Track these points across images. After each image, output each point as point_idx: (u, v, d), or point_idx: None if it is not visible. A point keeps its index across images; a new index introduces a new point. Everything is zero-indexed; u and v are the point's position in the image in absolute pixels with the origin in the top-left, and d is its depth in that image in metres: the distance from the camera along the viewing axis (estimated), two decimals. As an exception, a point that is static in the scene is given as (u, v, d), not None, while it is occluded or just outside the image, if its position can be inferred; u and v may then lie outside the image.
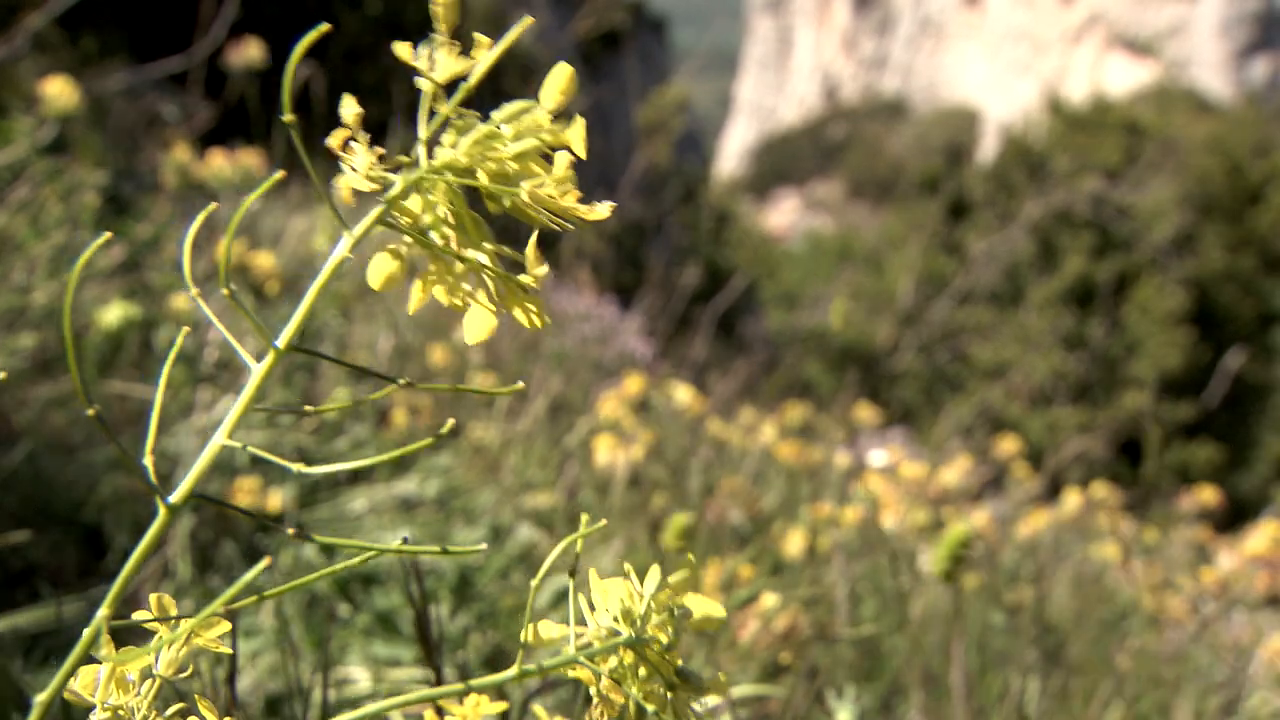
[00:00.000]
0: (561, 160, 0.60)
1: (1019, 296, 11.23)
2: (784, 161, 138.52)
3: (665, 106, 9.30)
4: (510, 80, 16.97)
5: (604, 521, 0.75)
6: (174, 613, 0.71)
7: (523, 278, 0.60)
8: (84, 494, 1.97)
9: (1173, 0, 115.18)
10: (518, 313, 0.61)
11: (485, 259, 0.59)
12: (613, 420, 2.72)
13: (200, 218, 0.68)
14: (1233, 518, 11.88)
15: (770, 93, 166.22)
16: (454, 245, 0.59)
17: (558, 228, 0.60)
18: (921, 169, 11.98)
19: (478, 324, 0.59)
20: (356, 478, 2.35)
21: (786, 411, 3.81)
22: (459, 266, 0.59)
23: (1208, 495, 3.81)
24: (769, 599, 1.87)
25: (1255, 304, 11.45)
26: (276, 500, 2.04)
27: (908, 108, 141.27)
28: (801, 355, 9.74)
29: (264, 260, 2.13)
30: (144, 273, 2.50)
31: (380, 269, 0.59)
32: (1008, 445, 3.66)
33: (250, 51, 3.06)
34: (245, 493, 1.99)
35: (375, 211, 0.59)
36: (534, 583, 0.73)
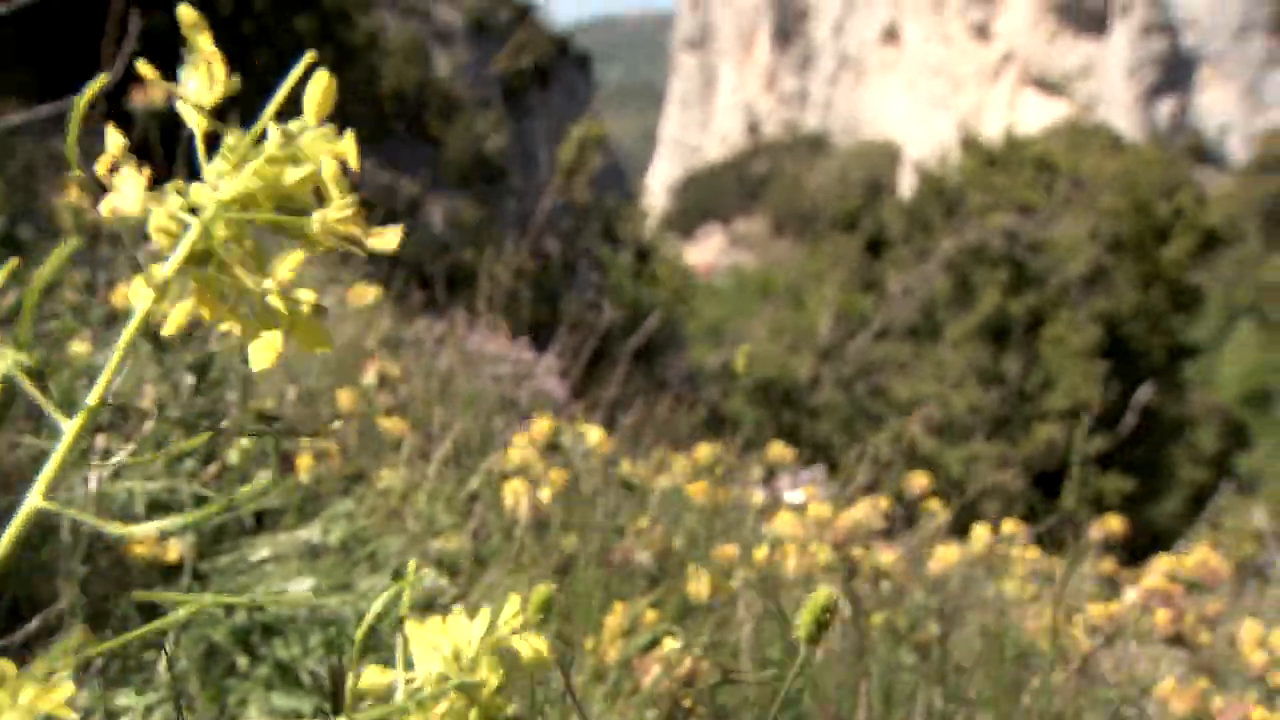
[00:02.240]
0: (341, 185, 0.59)
1: (936, 332, 11.41)
2: (708, 197, 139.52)
3: (584, 143, 9.33)
4: (431, 116, 16.86)
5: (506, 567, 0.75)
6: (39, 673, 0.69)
7: (304, 304, 0.59)
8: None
9: (1084, 40, 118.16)
10: (299, 338, 0.59)
11: (268, 286, 0.58)
12: (522, 462, 2.71)
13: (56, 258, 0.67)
14: (1149, 548, 12.11)
15: (694, 129, 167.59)
16: (237, 273, 0.58)
17: (345, 250, 0.59)
18: (839, 206, 12.15)
19: (263, 351, 0.59)
20: (260, 525, 2.32)
21: (700, 449, 3.82)
22: (242, 294, 0.58)
23: (1115, 525, 3.88)
24: (671, 643, 1.88)
25: (1165, 339, 11.73)
26: (175, 550, 2.01)
27: (829, 143, 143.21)
28: (724, 391, 9.80)
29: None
30: (39, 319, 2.46)
31: (156, 289, 0.58)
32: (919, 480, 3.70)
33: (153, 92, 3.03)
34: (142, 543, 1.96)
35: (179, 255, 0.58)
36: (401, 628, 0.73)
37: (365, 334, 3.27)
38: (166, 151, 3.36)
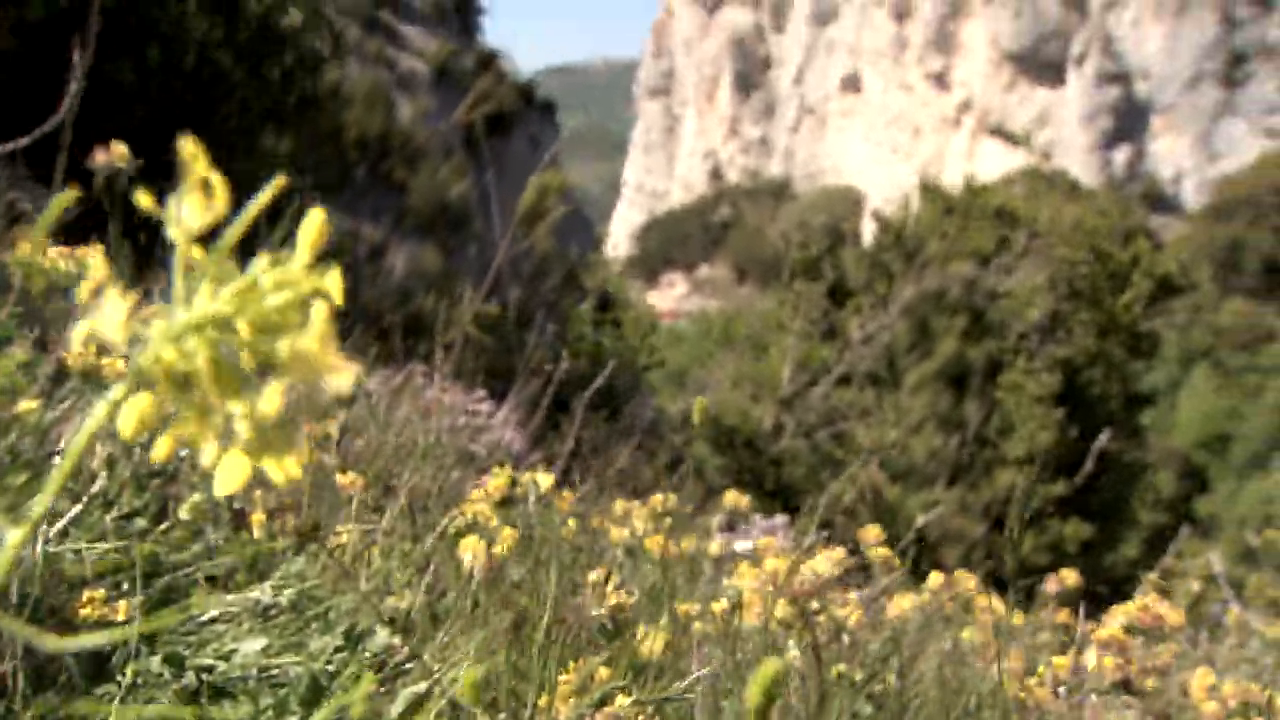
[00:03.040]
0: (319, 312, 0.59)
1: (897, 379, 11.49)
2: (671, 243, 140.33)
3: (545, 190, 9.36)
4: (395, 163, 16.88)
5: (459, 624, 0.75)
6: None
7: (276, 429, 0.59)
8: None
9: (1041, 88, 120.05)
10: (268, 464, 0.60)
11: (240, 411, 0.59)
12: (477, 516, 2.71)
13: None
14: (1110, 596, 12.18)
15: (658, 176, 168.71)
16: (209, 396, 0.58)
17: (316, 382, 0.60)
18: (800, 255, 12.26)
19: (230, 475, 0.59)
20: (211, 583, 2.31)
21: (659, 500, 3.82)
22: (215, 417, 0.59)
23: (1070, 578, 3.91)
24: (622, 700, 1.87)
25: (1122, 385, 11.86)
26: (123, 610, 1.99)
27: (792, 190, 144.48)
28: (687, 439, 9.81)
29: (116, 364, 2.10)
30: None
31: (130, 417, 0.58)
32: (872, 533, 3.71)
33: (116, 151, 3.03)
34: (89, 603, 1.94)
35: (131, 376, 0.59)
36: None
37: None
38: (126, 210, 3.35)
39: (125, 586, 2.10)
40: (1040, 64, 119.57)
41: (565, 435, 4.49)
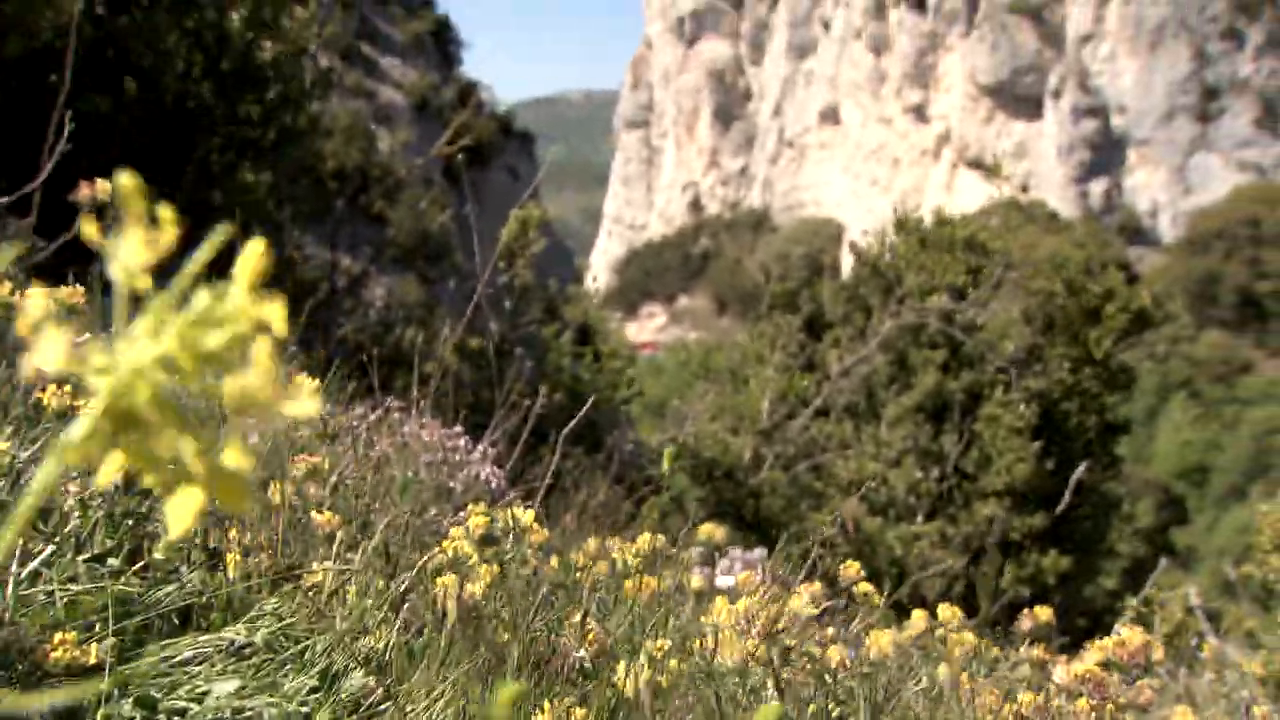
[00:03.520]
0: (262, 350, 0.59)
1: (876, 411, 11.51)
2: (651, 275, 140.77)
3: (527, 223, 9.38)
4: (374, 195, 16.89)
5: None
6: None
7: (227, 464, 0.59)
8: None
9: (1020, 120, 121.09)
10: (221, 499, 0.59)
11: (187, 448, 0.58)
12: (454, 554, 2.70)
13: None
14: (1090, 627, 12.20)
15: (638, 207, 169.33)
16: (155, 432, 0.58)
17: (261, 418, 0.59)
18: (778, 287, 12.30)
19: (182, 511, 0.58)
20: (185, 625, 2.29)
21: (639, 536, 3.81)
22: (163, 454, 0.58)
23: (1044, 615, 3.91)
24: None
25: (1099, 417, 11.92)
26: (94, 653, 1.97)
27: (771, 222, 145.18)
28: (668, 471, 9.78)
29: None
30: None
31: (75, 450, 0.58)
32: (851, 569, 3.71)
33: (98, 186, 3.03)
34: (61, 645, 1.92)
35: (87, 421, 0.58)
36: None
37: (297, 424, 3.25)
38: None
39: (98, 628, 2.08)
40: (1017, 97, 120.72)
41: (544, 469, 4.49)
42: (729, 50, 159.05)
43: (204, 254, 0.62)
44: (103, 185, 3.09)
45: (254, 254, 0.61)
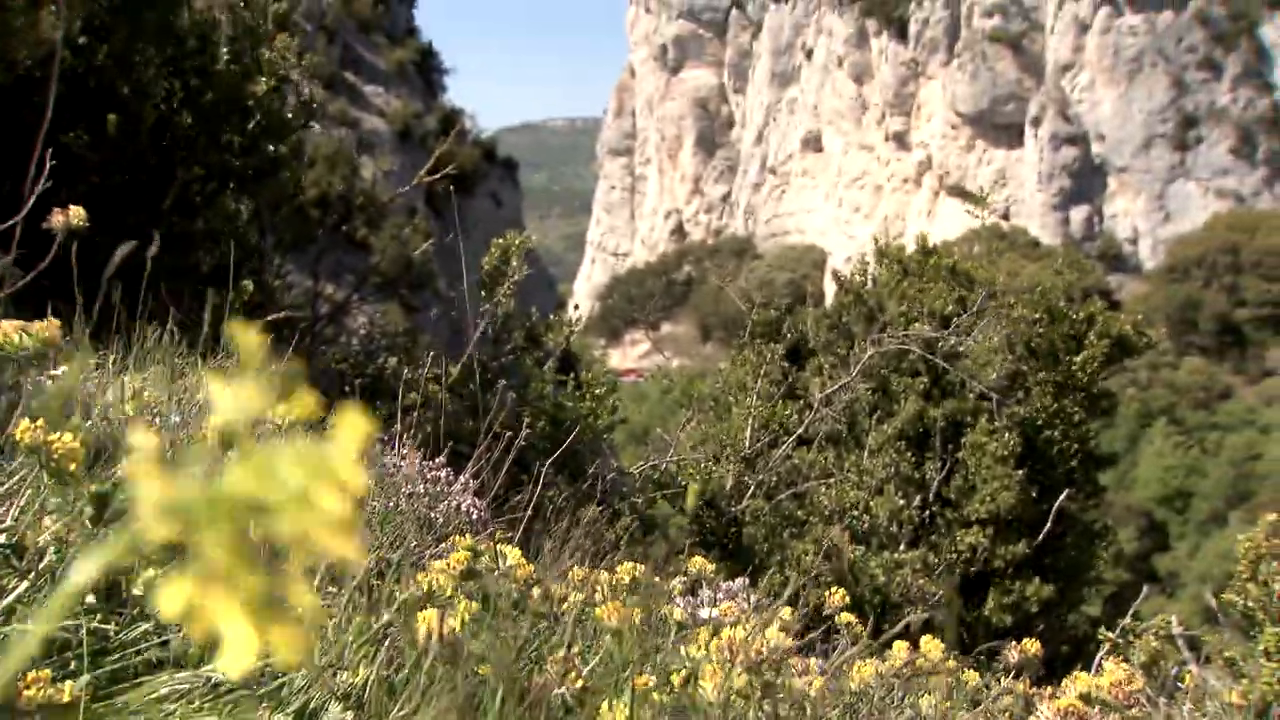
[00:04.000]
0: (344, 501, 0.58)
1: (859, 439, 11.52)
2: (635, 302, 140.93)
3: (510, 252, 9.39)
4: (358, 224, 16.90)
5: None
6: None
7: (289, 607, 0.58)
8: None
9: (1001, 148, 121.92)
10: (275, 642, 0.58)
11: (254, 586, 0.57)
12: (435, 588, 2.69)
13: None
14: (1072, 654, 12.20)
15: (621, 234, 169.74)
16: (222, 569, 0.57)
17: (322, 557, 0.59)
18: (760, 315, 12.33)
19: (240, 650, 0.57)
20: (161, 661, 2.27)
21: (621, 567, 3.80)
22: (226, 589, 0.57)
23: (1030, 647, 3.92)
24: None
25: (1081, 444, 11.94)
26: (69, 691, 1.95)
27: (755, 249, 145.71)
28: (651, 499, 9.78)
29: (65, 438, 2.08)
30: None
31: (173, 599, 0.57)
32: (835, 598, 3.71)
33: (74, 214, 3.02)
34: (35, 684, 1.90)
35: (125, 539, 0.58)
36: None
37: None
38: (83, 271, 3.33)
39: (73, 665, 2.07)
40: (998, 125, 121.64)
41: (527, 500, 4.47)
42: (712, 78, 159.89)
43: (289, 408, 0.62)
44: (76, 212, 3.08)
45: (360, 430, 0.60)
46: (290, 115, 7.82)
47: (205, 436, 0.60)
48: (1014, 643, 4.00)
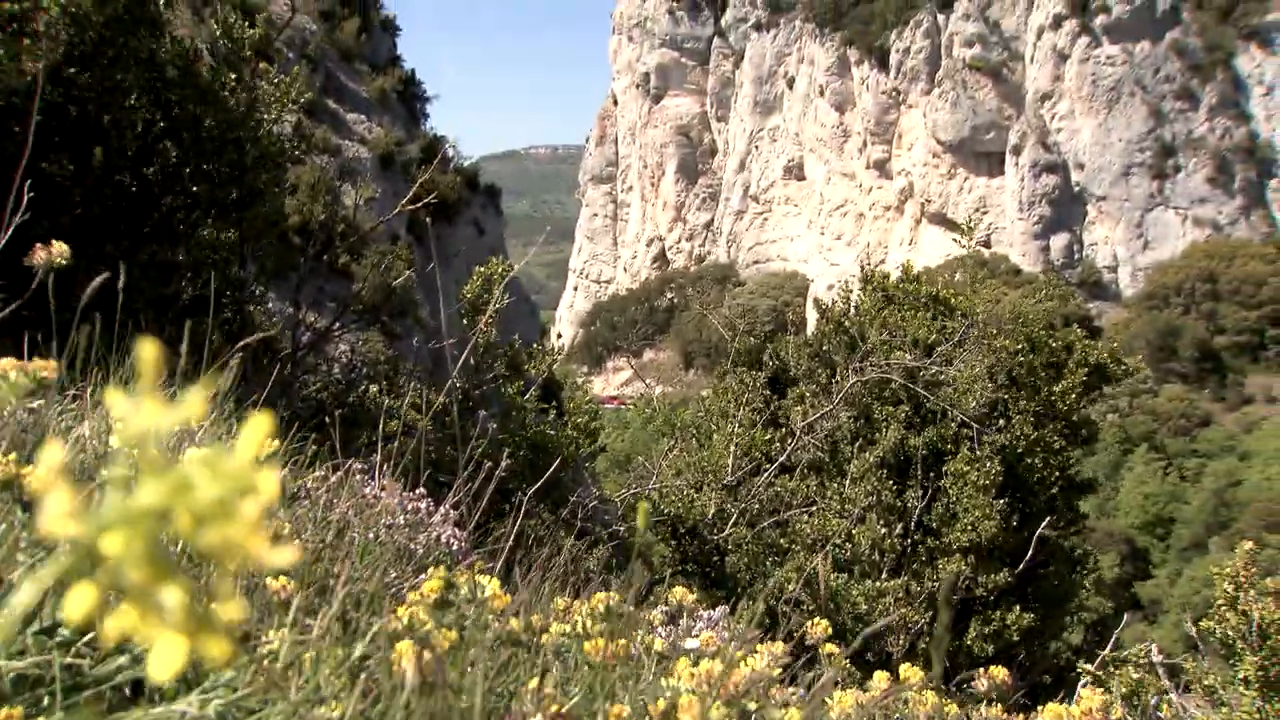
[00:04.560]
0: (253, 506, 0.60)
1: (841, 468, 11.53)
2: (617, 329, 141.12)
3: (492, 280, 9.39)
4: (339, 251, 16.86)
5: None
6: None
7: (218, 614, 0.59)
8: None
9: (981, 176, 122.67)
10: (205, 647, 0.59)
11: (173, 598, 0.58)
12: (412, 620, 2.67)
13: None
14: (1054, 683, 12.20)
15: (603, 262, 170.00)
16: (144, 582, 0.58)
17: (246, 567, 0.60)
18: (742, 343, 12.35)
19: (167, 657, 0.58)
20: (136, 697, 2.25)
21: (595, 597, 3.77)
22: (150, 601, 0.58)
23: (998, 674, 3.89)
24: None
25: (1062, 472, 11.97)
26: (42, 726, 1.93)
27: (737, 276, 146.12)
28: (632, 527, 9.76)
29: (37, 474, 2.07)
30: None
31: (77, 604, 0.58)
32: (818, 628, 3.69)
33: (54, 249, 3.01)
34: (7, 720, 1.88)
35: (64, 562, 0.58)
36: None
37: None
38: (61, 303, 3.32)
39: (45, 701, 2.05)
40: (978, 153, 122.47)
41: (507, 527, 4.46)
42: (694, 106, 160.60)
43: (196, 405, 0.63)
44: (59, 249, 3.07)
45: (261, 429, 0.62)
46: (287, 146, 7.83)
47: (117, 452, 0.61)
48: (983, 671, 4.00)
